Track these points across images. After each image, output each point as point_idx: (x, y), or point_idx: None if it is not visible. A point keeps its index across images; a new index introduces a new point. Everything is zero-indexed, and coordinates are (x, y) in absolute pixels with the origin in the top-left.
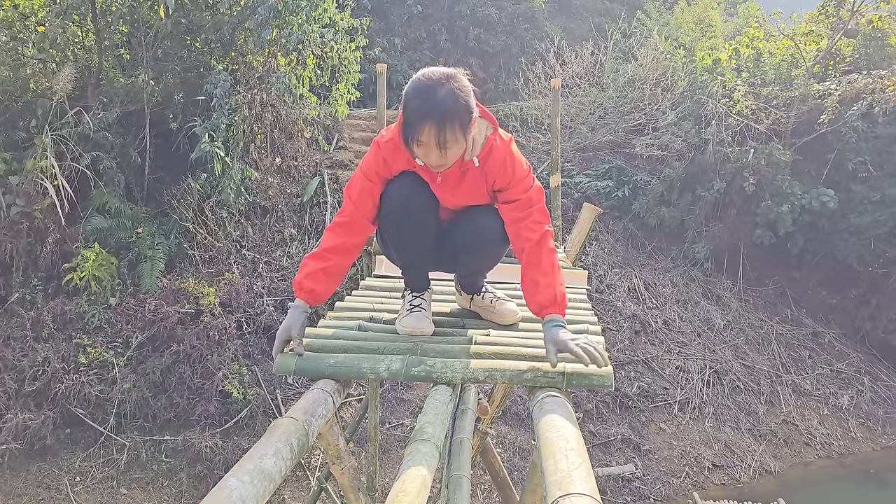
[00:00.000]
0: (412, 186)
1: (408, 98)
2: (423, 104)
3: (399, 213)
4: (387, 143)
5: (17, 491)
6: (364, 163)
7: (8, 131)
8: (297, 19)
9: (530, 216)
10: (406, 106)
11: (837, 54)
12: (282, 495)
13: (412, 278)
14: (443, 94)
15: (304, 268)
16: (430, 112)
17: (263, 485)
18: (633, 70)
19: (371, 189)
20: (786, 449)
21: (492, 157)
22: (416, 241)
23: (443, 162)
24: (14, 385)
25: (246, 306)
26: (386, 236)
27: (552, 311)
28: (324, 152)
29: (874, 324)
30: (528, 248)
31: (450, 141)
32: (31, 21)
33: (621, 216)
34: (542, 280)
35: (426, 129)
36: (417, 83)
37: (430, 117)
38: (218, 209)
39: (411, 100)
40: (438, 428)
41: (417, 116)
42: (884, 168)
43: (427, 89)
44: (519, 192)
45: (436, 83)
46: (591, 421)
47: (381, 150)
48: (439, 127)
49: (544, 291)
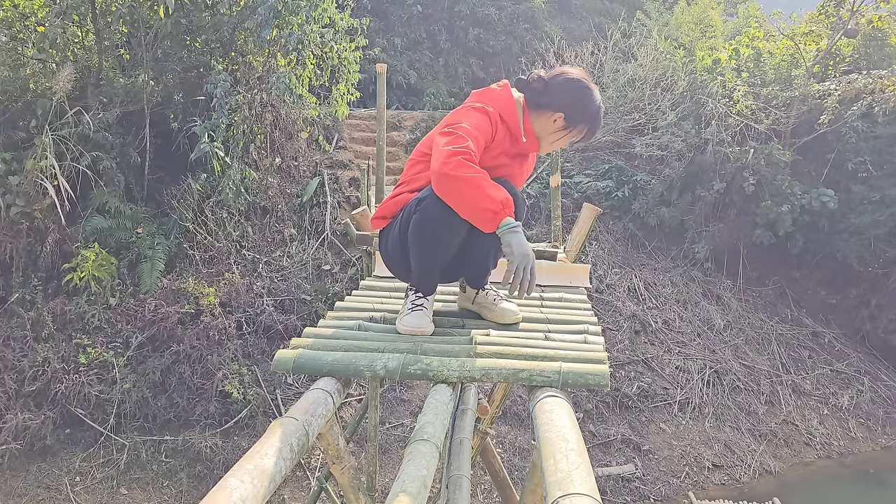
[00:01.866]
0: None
1: (593, 100)
2: (601, 116)
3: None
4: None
5: (17, 491)
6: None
7: (8, 131)
8: (297, 19)
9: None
10: (590, 105)
11: (837, 54)
12: (282, 495)
13: (423, 281)
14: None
15: (497, 188)
16: (600, 125)
17: (263, 485)
18: (632, 70)
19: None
20: (786, 449)
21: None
22: (446, 252)
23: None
24: (14, 385)
25: (246, 306)
26: (416, 243)
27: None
28: (324, 152)
29: (874, 324)
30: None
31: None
32: (31, 21)
33: (621, 216)
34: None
35: (589, 133)
36: (587, 89)
37: (598, 129)
38: (218, 209)
39: (597, 105)
40: (438, 428)
41: (597, 122)
42: (884, 168)
43: (597, 98)
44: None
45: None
46: (591, 421)
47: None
48: (592, 137)
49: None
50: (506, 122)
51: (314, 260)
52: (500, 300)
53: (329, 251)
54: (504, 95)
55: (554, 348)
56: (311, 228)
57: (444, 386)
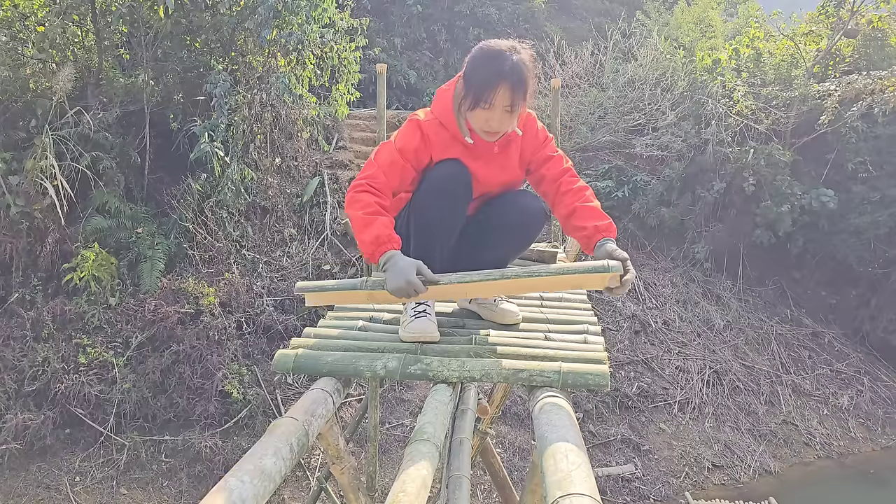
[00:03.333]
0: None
1: (477, 62)
2: (499, 67)
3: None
4: (430, 122)
5: (16, 491)
6: (399, 139)
7: (8, 131)
8: (297, 19)
9: (568, 171)
10: (475, 70)
11: (837, 54)
12: (282, 495)
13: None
14: (517, 59)
15: (374, 223)
16: (507, 74)
17: (263, 485)
18: (632, 70)
19: (403, 167)
20: (786, 449)
21: (528, 125)
22: (447, 235)
23: (502, 128)
24: (14, 385)
25: (246, 306)
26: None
27: (609, 234)
28: (324, 152)
29: (874, 324)
30: (574, 191)
31: (518, 104)
32: (31, 21)
33: (621, 216)
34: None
35: (501, 90)
36: (487, 50)
37: (506, 79)
38: (218, 209)
39: (482, 64)
40: (438, 428)
41: (492, 78)
42: (884, 168)
43: (499, 54)
44: (551, 150)
45: (508, 50)
46: (591, 421)
47: (423, 128)
48: (514, 88)
49: (599, 219)
50: (446, 127)
51: (314, 260)
52: (500, 300)
53: (329, 251)
54: (447, 96)
55: (554, 348)
56: (311, 228)
57: (444, 386)
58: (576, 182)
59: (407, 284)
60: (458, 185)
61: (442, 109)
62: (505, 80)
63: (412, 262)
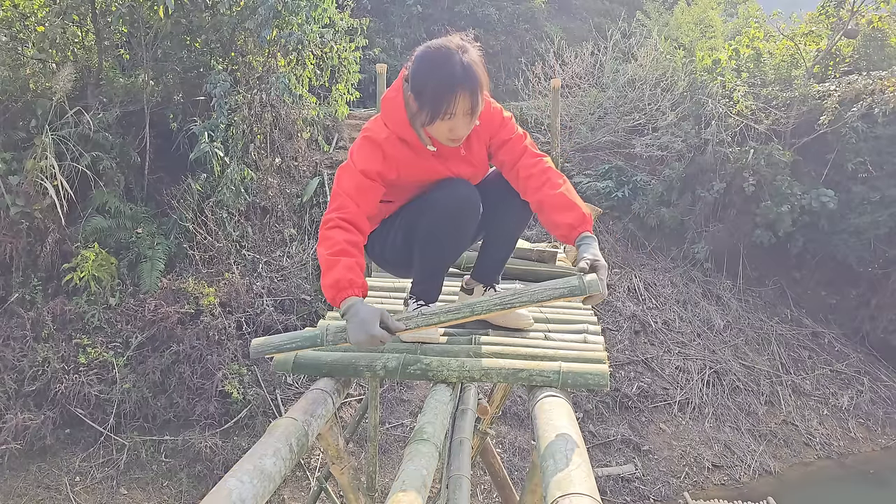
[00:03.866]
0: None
1: (426, 73)
2: (451, 74)
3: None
4: (387, 139)
5: (16, 491)
6: (359, 160)
7: (8, 131)
8: (297, 19)
9: (525, 150)
10: (426, 82)
11: (837, 55)
12: (282, 495)
13: (426, 288)
14: (466, 60)
15: (337, 265)
16: (461, 79)
17: (263, 485)
18: (632, 70)
19: (373, 188)
20: (786, 449)
21: (484, 111)
22: (455, 252)
23: (467, 132)
24: (14, 385)
25: (246, 306)
26: (425, 248)
27: (583, 228)
28: (324, 152)
29: (874, 324)
30: (535, 175)
31: (478, 105)
32: (31, 21)
33: (621, 216)
34: (561, 202)
35: (460, 98)
36: (431, 56)
37: (462, 84)
38: (218, 209)
39: (431, 74)
40: (438, 428)
41: (447, 88)
42: (883, 168)
43: (446, 59)
44: (508, 132)
45: (452, 51)
46: (591, 421)
47: (382, 147)
48: (472, 93)
49: (569, 212)
50: (406, 140)
51: (314, 260)
52: None
53: None
54: (398, 106)
55: (554, 348)
56: (311, 228)
57: (444, 386)
58: (534, 164)
59: (370, 338)
60: (471, 209)
61: (396, 122)
62: (461, 86)
63: (374, 311)
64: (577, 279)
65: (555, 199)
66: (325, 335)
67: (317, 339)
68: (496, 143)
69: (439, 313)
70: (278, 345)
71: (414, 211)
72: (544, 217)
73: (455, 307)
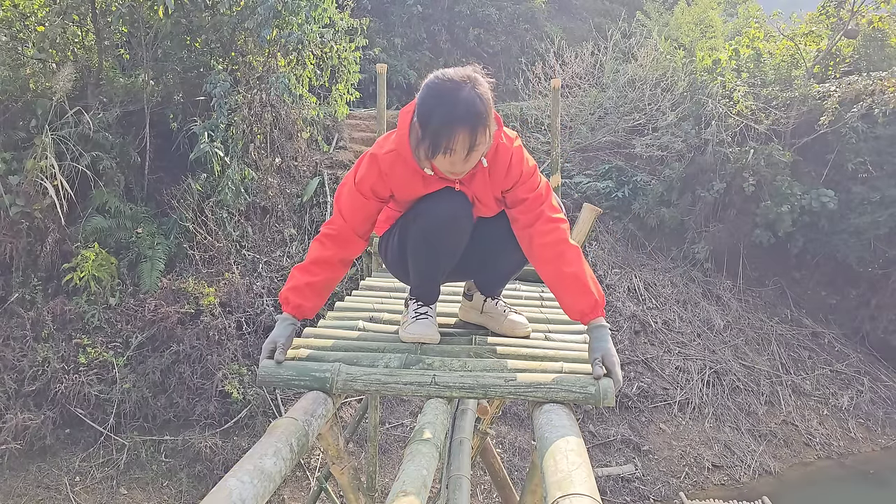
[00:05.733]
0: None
1: (429, 106)
2: (452, 110)
3: (441, 232)
4: (386, 155)
5: (16, 491)
6: (357, 175)
7: (8, 131)
8: (297, 19)
9: (542, 215)
10: (429, 115)
11: (837, 55)
12: (282, 495)
13: (424, 291)
14: (470, 96)
15: (291, 280)
16: (462, 117)
17: (263, 485)
18: (633, 70)
19: (365, 205)
20: (785, 449)
21: (498, 156)
22: (450, 260)
23: (468, 168)
24: (14, 385)
25: (246, 306)
26: (416, 254)
27: (595, 315)
28: (324, 152)
29: (874, 324)
30: (549, 245)
31: (480, 144)
32: (31, 21)
33: (621, 216)
34: (573, 284)
35: (459, 136)
36: (438, 88)
37: (462, 123)
38: (218, 209)
39: (435, 108)
40: (438, 428)
41: (447, 125)
42: (884, 168)
43: (451, 93)
44: (526, 190)
45: (458, 85)
46: (591, 421)
47: (379, 163)
48: (472, 131)
49: (581, 297)
50: (405, 159)
51: None
52: (509, 311)
53: None
54: (408, 122)
55: (554, 348)
56: (311, 228)
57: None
58: (549, 232)
59: (267, 350)
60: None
61: (401, 139)
62: (461, 124)
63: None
64: (594, 387)
65: (567, 279)
66: (335, 378)
67: (326, 383)
68: (511, 199)
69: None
70: (287, 379)
71: (409, 218)
72: (556, 293)
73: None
